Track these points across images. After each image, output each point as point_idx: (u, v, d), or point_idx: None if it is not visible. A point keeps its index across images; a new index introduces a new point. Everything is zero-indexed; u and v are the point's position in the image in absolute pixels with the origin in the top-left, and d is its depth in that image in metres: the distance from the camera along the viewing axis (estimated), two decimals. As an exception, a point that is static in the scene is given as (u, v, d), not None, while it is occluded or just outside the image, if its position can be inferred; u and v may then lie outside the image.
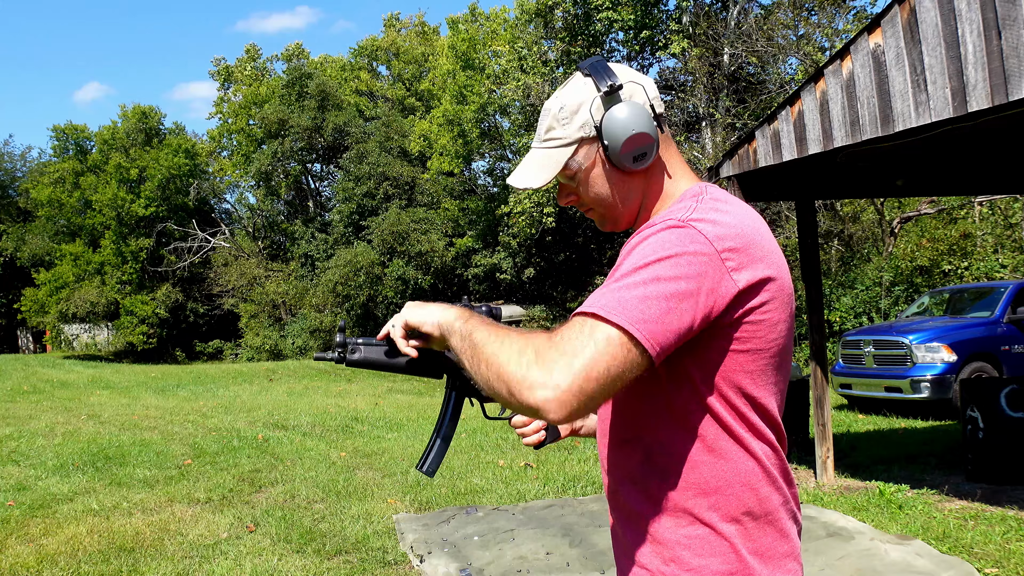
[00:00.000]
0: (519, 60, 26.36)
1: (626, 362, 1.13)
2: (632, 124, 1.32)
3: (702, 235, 1.19)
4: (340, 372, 25.91)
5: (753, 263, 1.21)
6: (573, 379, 1.11)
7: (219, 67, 42.40)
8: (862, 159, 6.45)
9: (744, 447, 1.26)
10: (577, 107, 1.37)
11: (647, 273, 1.16)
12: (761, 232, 1.27)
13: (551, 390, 1.12)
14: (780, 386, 1.32)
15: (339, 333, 1.54)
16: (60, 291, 37.12)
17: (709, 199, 1.28)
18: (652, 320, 1.13)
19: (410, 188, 35.19)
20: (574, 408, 1.13)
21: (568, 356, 1.13)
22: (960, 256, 17.45)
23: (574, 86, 1.40)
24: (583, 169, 1.38)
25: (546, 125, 1.42)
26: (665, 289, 1.15)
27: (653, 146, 1.34)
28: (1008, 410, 6.23)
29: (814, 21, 21.08)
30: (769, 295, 1.24)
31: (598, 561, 4.62)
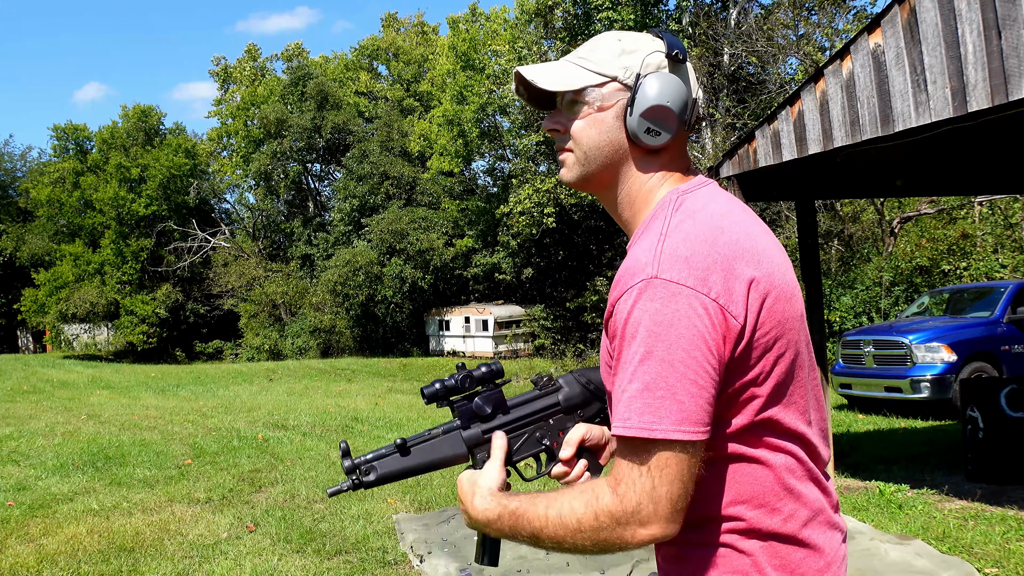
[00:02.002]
0: (519, 60, 26.33)
1: (692, 457, 1.15)
2: (670, 97, 1.25)
3: (689, 289, 1.13)
4: (340, 372, 25.91)
5: (741, 284, 1.16)
6: (664, 504, 1.14)
7: (219, 67, 42.39)
8: (862, 159, 6.45)
9: (759, 462, 1.22)
10: (632, 50, 1.29)
11: (658, 366, 1.13)
12: (738, 240, 1.19)
13: (655, 525, 1.15)
14: (801, 393, 1.25)
15: (345, 458, 1.42)
16: (60, 291, 37.10)
17: (676, 225, 1.20)
18: (688, 411, 1.13)
19: (410, 188, 35.19)
20: (681, 518, 1.16)
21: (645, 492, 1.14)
22: (960, 256, 17.45)
23: (641, 35, 1.32)
24: (596, 105, 1.29)
25: (589, 47, 1.33)
26: (687, 374, 1.12)
27: (671, 132, 1.27)
28: (1008, 410, 6.23)
29: (814, 21, 21.08)
30: (767, 312, 1.18)
31: (598, 561, 4.62)
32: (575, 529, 1.18)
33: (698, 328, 1.12)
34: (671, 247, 1.16)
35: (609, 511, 1.15)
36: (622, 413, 1.15)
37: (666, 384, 1.12)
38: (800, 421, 1.24)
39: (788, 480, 1.22)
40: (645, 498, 1.14)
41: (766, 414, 1.20)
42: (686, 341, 1.12)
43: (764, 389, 1.19)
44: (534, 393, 1.51)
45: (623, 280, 1.18)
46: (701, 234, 1.18)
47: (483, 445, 1.45)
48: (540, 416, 1.49)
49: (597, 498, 1.17)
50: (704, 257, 1.15)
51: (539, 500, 1.24)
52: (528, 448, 1.48)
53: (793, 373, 1.22)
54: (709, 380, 1.13)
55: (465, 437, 1.45)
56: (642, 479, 1.14)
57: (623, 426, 1.15)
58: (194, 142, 41.41)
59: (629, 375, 1.14)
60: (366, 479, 1.41)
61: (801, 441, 1.25)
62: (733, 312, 1.14)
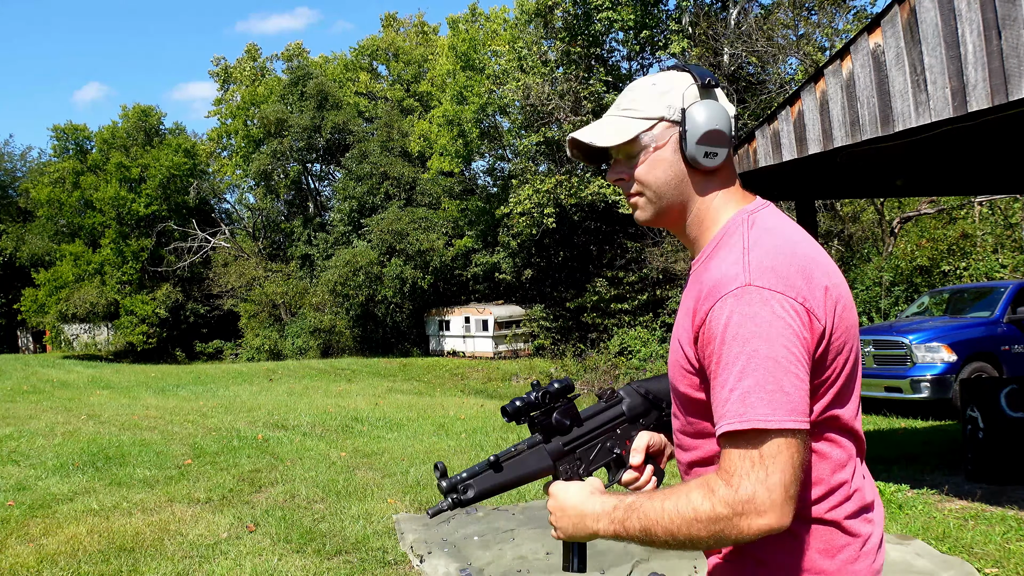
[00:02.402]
0: (519, 60, 26.33)
1: (801, 445, 1.23)
2: (716, 120, 1.37)
3: (780, 294, 1.24)
4: (340, 372, 25.91)
5: (819, 291, 1.28)
6: (778, 493, 1.21)
7: (219, 67, 42.37)
8: (862, 159, 6.45)
9: (818, 454, 1.32)
10: (668, 88, 1.40)
11: (764, 363, 1.22)
12: (809, 252, 1.32)
13: (771, 514, 1.21)
14: (856, 394, 1.37)
15: (442, 479, 1.48)
16: (60, 291, 37.08)
17: (755, 240, 1.31)
18: (795, 402, 1.22)
19: (410, 188, 35.18)
20: (793, 506, 1.24)
21: (760, 481, 1.21)
22: (960, 256, 17.45)
23: (670, 73, 1.43)
24: (652, 147, 1.39)
25: (629, 98, 1.43)
26: (790, 368, 1.22)
27: (726, 151, 1.38)
28: (1008, 410, 6.23)
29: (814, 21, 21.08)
30: (838, 319, 1.30)
31: (598, 561, 4.62)
32: (691, 519, 1.25)
33: (793, 327, 1.23)
34: (757, 258, 1.28)
35: (726, 501, 1.22)
36: (736, 409, 1.23)
37: (774, 379, 1.21)
38: (854, 419, 1.37)
39: (839, 473, 1.33)
40: (760, 487, 1.21)
41: (831, 412, 1.32)
42: (785, 339, 1.23)
43: (833, 388, 1.31)
44: (600, 405, 1.62)
45: (716, 290, 1.28)
46: (780, 247, 1.30)
47: (565, 457, 1.54)
48: (609, 427, 1.60)
49: (713, 491, 1.24)
50: (787, 266, 1.27)
51: (654, 495, 1.33)
52: (601, 458, 1.58)
53: (853, 375, 1.35)
54: (806, 374, 1.24)
55: (549, 451, 1.53)
56: (755, 469, 1.22)
57: (740, 420, 1.22)
58: (194, 142, 41.41)
59: (737, 374, 1.23)
60: (465, 497, 1.47)
61: (854, 438, 1.37)
62: (817, 315, 1.27)
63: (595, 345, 27.38)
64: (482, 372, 28.13)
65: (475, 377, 27.26)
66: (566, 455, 1.54)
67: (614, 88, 25.81)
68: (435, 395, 19.44)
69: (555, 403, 1.54)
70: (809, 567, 1.31)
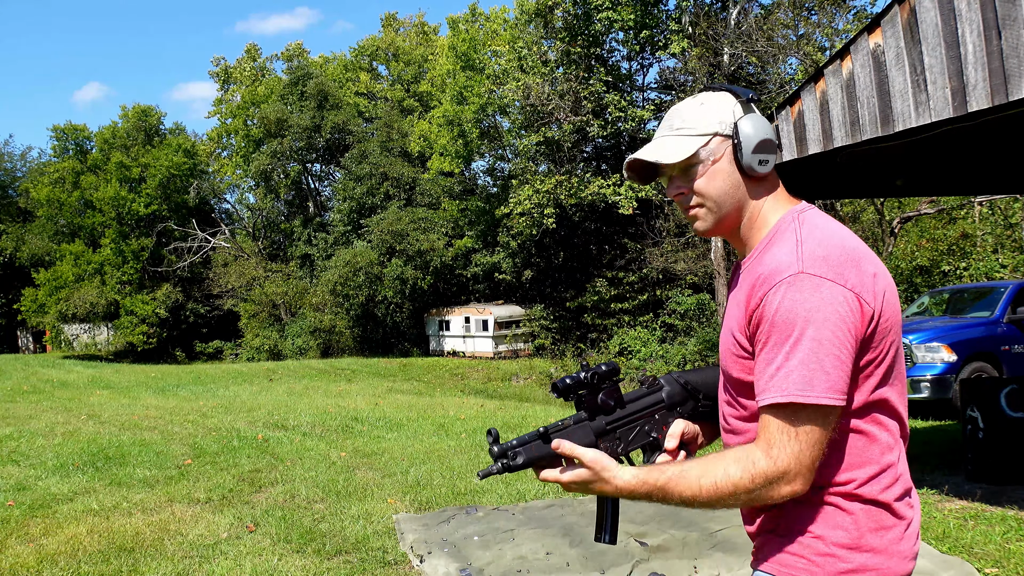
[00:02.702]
0: (519, 60, 26.32)
1: (830, 421, 1.37)
2: (764, 129, 1.50)
3: (830, 281, 1.36)
4: (340, 372, 25.91)
5: (868, 278, 1.39)
6: (805, 463, 1.37)
7: (219, 67, 42.36)
8: (862, 159, 6.45)
9: (868, 436, 1.43)
10: (716, 106, 1.53)
11: (810, 344, 1.34)
12: (857, 245, 1.44)
13: (798, 482, 1.37)
14: (901, 378, 1.47)
15: (494, 444, 1.54)
16: (59, 291, 37.07)
17: (808, 234, 1.43)
18: (833, 380, 1.34)
19: (410, 188, 35.17)
20: (813, 474, 1.39)
21: (792, 457, 1.36)
22: (960, 256, 17.45)
23: (713, 93, 1.56)
24: (710, 160, 1.50)
25: (680, 117, 1.54)
26: (831, 350, 1.34)
27: (774, 157, 1.51)
28: (1008, 410, 6.23)
29: (814, 21, 21.08)
30: (887, 299, 1.42)
31: (598, 561, 4.62)
32: (731, 493, 1.40)
33: (840, 312, 1.35)
34: (810, 249, 1.40)
35: (764, 473, 1.37)
36: (780, 384, 1.36)
37: (816, 359, 1.34)
38: (900, 403, 1.47)
39: (888, 455, 1.44)
40: (794, 460, 1.36)
41: (879, 393, 1.43)
42: (831, 323, 1.34)
43: (880, 370, 1.42)
44: (642, 391, 1.72)
45: (772, 276, 1.40)
46: (831, 240, 1.42)
47: (607, 435, 1.63)
48: (649, 411, 1.70)
49: (753, 463, 1.39)
50: (838, 257, 1.39)
51: (691, 471, 1.44)
52: (639, 440, 1.68)
53: (898, 358, 1.46)
54: (848, 356, 1.36)
55: (593, 428, 1.61)
56: (791, 443, 1.36)
57: (782, 394, 1.35)
58: (194, 142, 41.41)
59: (785, 353, 1.36)
60: (515, 463, 1.52)
61: (900, 422, 1.48)
62: (866, 299, 1.38)
63: (595, 345, 27.38)
64: (482, 372, 28.13)
65: (475, 377, 27.27)
66: (608, 433, 1.62)
67: (614, 88, 25.81)
68: (435, 395, 19.43)
69: (602, 384, 1.62)
70: (862, 544, 1.41)
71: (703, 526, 5.16)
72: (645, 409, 1.69)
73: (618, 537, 1.64)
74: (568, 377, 1.60)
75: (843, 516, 1.41)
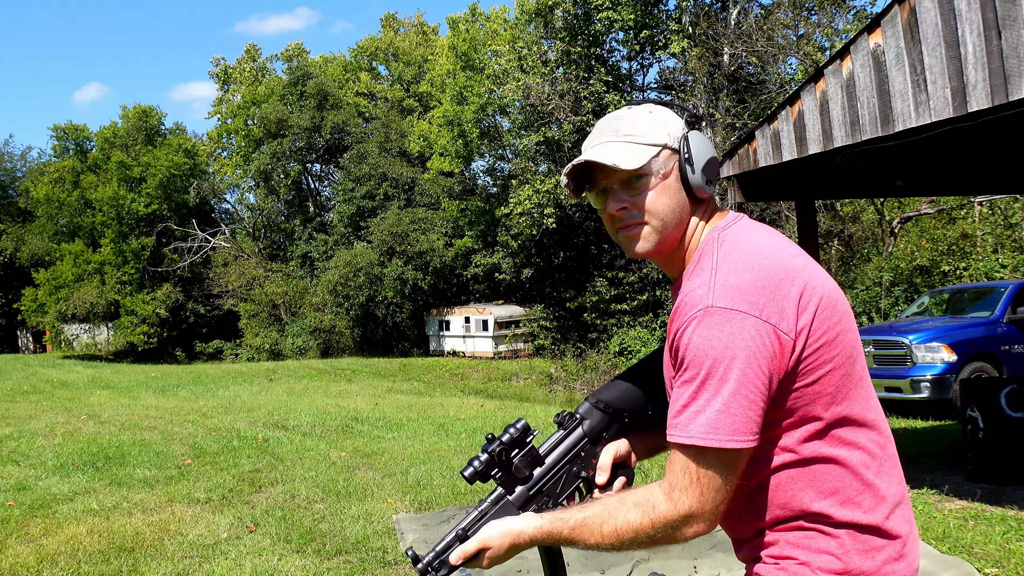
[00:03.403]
0: (519, 60, 26.32)
1: (737, 464, 1.31)
2: (711, 149, 1.42)
3: (742, 313, 1.26)
4: (340, 372, 25.91)
5: (790, 302, 1.29)
6: (709, 505, 1.31)
7: (219, 67, 42.36)
8: (862, 159, 6.45)
9: (836, 461, 1.35)
10: (664, 119, 1.43)
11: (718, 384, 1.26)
12: (779, 263, 1.32)
13: (701, 524, 1.32)
14: (861, 386, 1.37)
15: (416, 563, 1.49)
16: (59, 291, 37.05)
17: (724, 258, 1.33)
18: (740, 423, 1.27)
19: (409, 188, 35.17)
20: (720, 515, 1.34)
21: (694, 499, 1.31)
22: (960, 256, 17.45)
23: (658, 106, 1.46)
24: (660, 174, 1.40)
25: (628, 125, 1.43)
26: (741, 390, 1.26)
27: (717, 178, 1.43)
28: (1008, 410, 6.23)
29: (814, 21, 21.08)
30: (822, 319, 1.31)
31: (598, 561, 4.62)
32: (631, 539, 1.35)
33: (751, 348, 1.25)
34: (723, 278, 1.30)
35: (665, 519, 1.32)
36: (685, 423, 1.29)
37: (723, 401, 1.26)
38: (867, 412, 1.37)
39: (866, 475, 1.35)
40: (696, 503, 1.30)
41: (834, 413, 1.33)
42: (740, 361, 1.25)
43: (828, 388, 1.32)
44: (560, 434, 1.61)
45: (683, 311, 1.31)
46: (747, 262, 1.31)
47: (533, 500, 1.55)
48: (572, 454, 1.60)
49: (654, 507, 1.33)
50: (753, 283, 1.28)
51: (592, 520, 1.38)
52: (568, 484, 1.59)
53: (851, 370, 1.35)
54: (761, 393, 1.27)
55: (513, 501, 1.54)
56: (694, 487, 1.30)
57: (686, 435, 1.29)
58: (194, 142, 41.40)
59: (692, 392, 1.28)
60: (441, 573, 1.49)
61: (874, 429, 1.38)
62: (784, 329, 1.27)
63: (595, 345, 27.37)
64: (482, 372, 28.13)
65: (475, 377, 27.26)
66: (532, 499, 1.55)
67: (614, 88, 25.80)
68: (435, 395, 19.43)
69: (511, 455, 1.54)
70: (851, 568, 1.33)
71: (703, 526, 5.15)
72: (567, 454, 1.59)
73: None
74: (475, 460, 1.52)
75: (827, 540, 1.34)
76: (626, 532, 1.34)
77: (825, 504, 1.33)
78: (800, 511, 1.35)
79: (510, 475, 1.54)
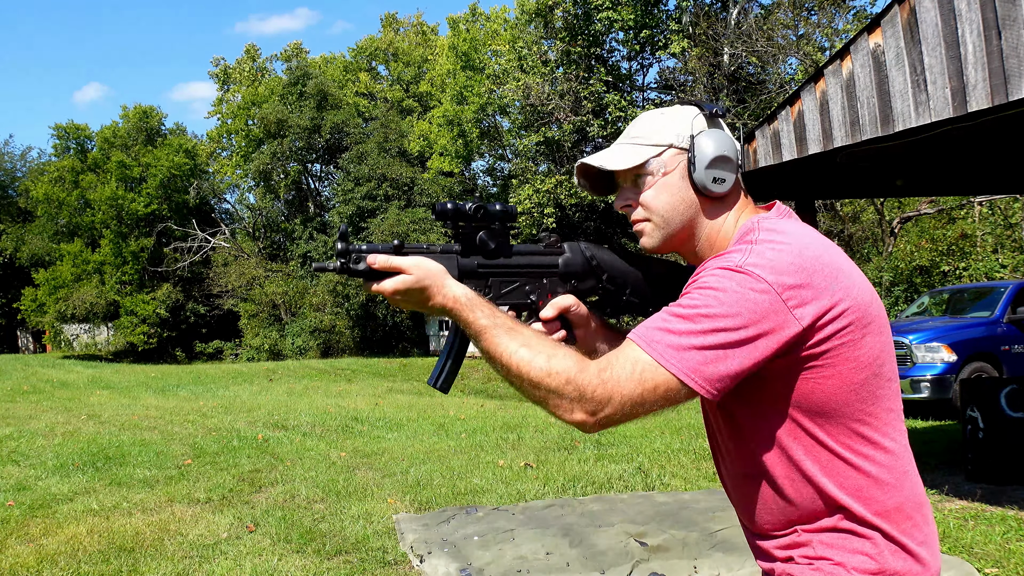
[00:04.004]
0: (519, 60, 26.33)
1: (668, 400, 1.25)
2: (723, 147, 1.39)
3: (761, 279, 1.24)
4: (340, 372, 25.90)
5: (818, 295, 1.25)
6: (616, 411, 1.24)
7: (218, 68, 42.39)
8: (862, 159, 6.46)
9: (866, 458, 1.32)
10: (677, 118, 1.43)
11: (708, 323, 1.23)
12: (823, 259, 1.29)
13: (596, 417, 1.24)
14: (889, 394, 1.35)
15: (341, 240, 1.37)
16: (58, 291, 37.06)
17: (763, 237, 1.31)
18: (707, 368, 1.22)
19: (409, 188, 35.18)
20: (609, 427, 1.27)
21: (617, 393, 1.23)
22: (960, 256, 17.45)
23: (677, 106, 1.47)
24: (660, 172, 1.41)
25: (638, 127, 1.46)
26: (725, 338, 1.22)
27: (732, 177, 1.40)
28: (1008, 410, 6.23)
29: (814, 21, 21.09)
30: (846, 320, 1.27)
31: (598, 561, 4.62)
32: (535, 381, 1.26)
33: (759, 316, 1.22)
34: (759, 250, 1.28)
35: (581, 388, 1.24)
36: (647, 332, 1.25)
37: (702, 343, 1.22)
38: (894, 417, 1.36)
39: (888, 476, 1.33)
40: (617, 399, 1.23)
41: (864, 415, 1.31)
42: (741, 324, 1.22)
43: (842, 389, 1.29)
44: (538, 249, 1.51)
45: (711, 262, 1.30)
46: (786, 246, 1.28)
47: (477, 278, 1.43)
48: (536, 271, 1.49)
49: (580, 369, 1.25)
50: (787, 264, 1.25)
51: (521, 336, 1.30)
52: (513, 297, 1.48)
53: (873, 381, 1.32)
54: (746, 361, 1.23)
55: (460, 264, 1.42)
56: (630, 383, 1.23)
57: (648, 345, 1.24)
58: (194, 142, 41.42)
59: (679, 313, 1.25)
60: (355, 267, 1.36)
61: (901, 437, 1.37)
62: (797, 315, 1.24)
63: (595, 345, 27.35)
64: (482, 372, 28.11)
65: (475, 377, 27.25)
66: (478, 276, 1.43)
67: (614, 88, 25.82)
68: (435, 395, 19.43)
69: (488, 222, 1.43)
70: (886, 568, 1.32)
71: (703, 526, 5.16)
72: (532, 267, 1.48)
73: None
74: (451, 201, 1.41)
75: (861, 541, 1.32)
76: (536, 371, 1.26)
77: (853, 502, 1.31)
78: (831, 506, 1.32)
79: (471, 238, 1.42)
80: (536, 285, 1.49)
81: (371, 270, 1.36)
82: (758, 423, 1.35)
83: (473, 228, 1.44)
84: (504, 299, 1.47)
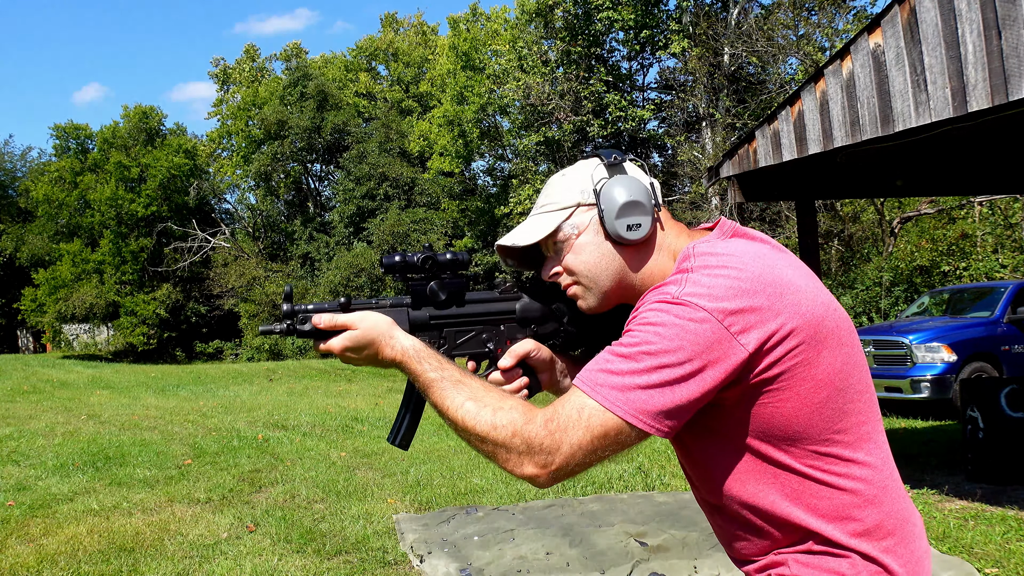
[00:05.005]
0: (519, 60, 26.33)
1: (620, 444, 1.20)
2: (631, 191, 1.34)
3: (699, 308, 1.18)
4: (340, 372, 25.89)
5: (763, 317, 1.19)
6: (567, 460, 1.20)
7: (218, 68, 42.41)
8: (862, 159, 6.46)
9: (833, 486, 1.27)
10: (578, 176, 1.40)
11: (650, 360, 1.18)
12: (765, 278, 1.22)
13: (548, 469, 1.21)
14: (860, 407, 1.29)
15: (286, 302, 1.34)
16: (58, 291, 37.07)
17: (699, 264, 1.25)
18: (653, 407, 1.18)
19: (409, 189, 35.20)
20: (563, 479, 1.23)
21: (565, 442, 1.19)
22: (960, 256, 17.45)
23: (580, 163, 1.44)
24: (575, 234, 1.37)
25: (546, 194, 1.43)
26: (669, 375, 1.17)
27: (648, 219, 1.34)
28: (1008, 410, 6.23)
29: (814, 21, 21.08)
30: (795, 340, 1.21)
31: (598, 561, 4.62)
32: (481, 433, 1.23)
33: (701, 347, 1.17)
34: (695, 278, 1.23)
35: (529, 440, 1.20)
36: (591, 376, 1.21)
37: (646, 382, 1.17)
38: (867, 431, 1.30)
39: (868, 491, 1.28)
40: (566, 448, 1.19)
41: (832, 434, 1.25)
42: (684, 359, 1.17)
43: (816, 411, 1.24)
44: (493, 295, 1.47)
45: (649, 296, 1.26)
46: (724, 270, 1.23)
47: (430, 330, 1.41)
48: (492, 319, 1.46)
49: (527, 420, 1.21)
50: (725, 289, 1.20)
51: (467, 389, 1.28)
52: (470, 347, 1.45)
53: (848, 387, 1.26)
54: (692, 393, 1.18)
55: (411, 316, 1.39)
56: (577, 432, 1.19)
57: (592, 388, 1.20)
58: (194, 142, 41.41)
59: (620, 353, 1.20)
60: (301, 328, 1.33)
61: (878, 450, 1.32)
62: (741, 341, 1.18)
63: (595, 345, 27.37)
64: (482, 372, 28.14)
65: (475, 377, 27.27)
66: (430, 328, 1.41)
67: (614, 88, 25.82)
68: (435, 395, 19.42)
69: (439, 273, 1.40)
70: None
71: (703, 526, 5.16)
72: (488, 315, 1.44)
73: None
74: (398, 254, 1.38)
75: (837, 561, 1.27)
76: (482, 426, 1.23)
77: (829, 526, 1.26)
78: (807, 528, 1.27)
79: (422, 290, 1.39)
80: (493, 333, 1.46)
81: (317, 330, 1.34)
82: (716, 456, 1.30)
83: (423, 279, 1.41)
84: (460, 349, 1.44)
